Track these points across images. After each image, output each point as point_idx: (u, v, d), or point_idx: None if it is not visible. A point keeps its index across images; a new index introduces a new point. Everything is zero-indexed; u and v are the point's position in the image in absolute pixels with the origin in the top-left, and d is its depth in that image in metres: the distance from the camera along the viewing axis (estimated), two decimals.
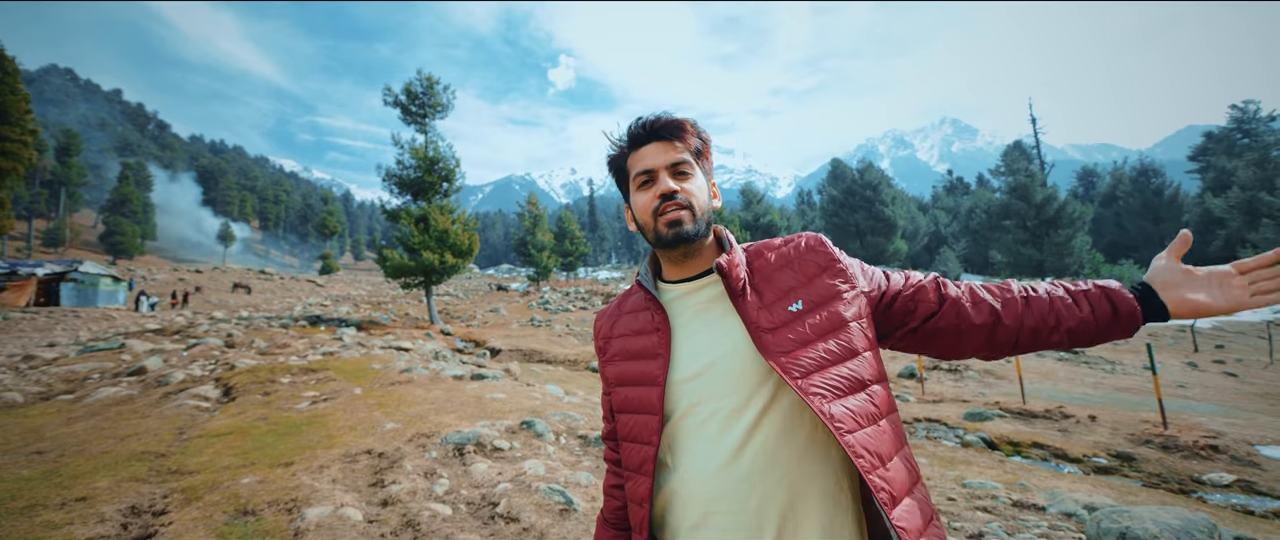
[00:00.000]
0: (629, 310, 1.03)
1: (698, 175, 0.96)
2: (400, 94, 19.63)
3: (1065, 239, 33.47)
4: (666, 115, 0.96)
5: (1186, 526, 2.80)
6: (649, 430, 0.91)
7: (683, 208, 0.91)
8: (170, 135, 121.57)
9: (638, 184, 0.96)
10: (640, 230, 0.99)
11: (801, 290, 0.90)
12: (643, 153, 0.95)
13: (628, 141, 0.98)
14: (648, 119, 0.96)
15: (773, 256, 0.96)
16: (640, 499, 0.92)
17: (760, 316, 0.89)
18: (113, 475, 3.52)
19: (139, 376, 7.53)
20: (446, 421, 4.84)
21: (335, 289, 44.43)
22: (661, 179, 0.93)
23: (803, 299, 0.89)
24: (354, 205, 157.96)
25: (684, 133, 0.95)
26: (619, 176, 1.02)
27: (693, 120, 0.97)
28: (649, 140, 0.95)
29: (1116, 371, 11.59)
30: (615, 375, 1.01)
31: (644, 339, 0.97)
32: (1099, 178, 60.87)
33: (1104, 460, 5.87)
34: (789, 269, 0.93)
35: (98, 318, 20.19)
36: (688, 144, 0.95)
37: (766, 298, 0.91)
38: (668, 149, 0.94)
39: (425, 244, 18.47)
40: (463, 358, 12.25)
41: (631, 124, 0.97)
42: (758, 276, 0.94)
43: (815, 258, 0.94)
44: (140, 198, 65.42)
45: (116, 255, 56.68)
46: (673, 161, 0.93)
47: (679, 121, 0.95)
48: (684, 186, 0.93)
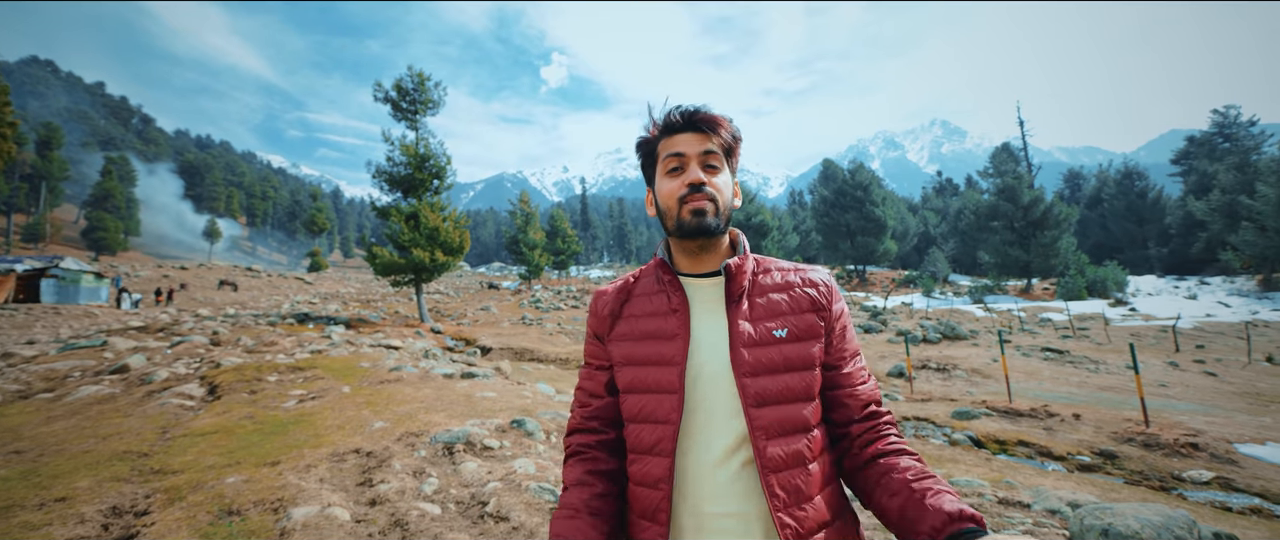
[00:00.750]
0: (642, 292, 1.01)
1: (725, 172, 0.96)
2: (391, 90, 19.46)
3: (1051, 240, 33.95)
4: (706, 108, 0.96)
5: (1167, 523, 2.85)
6: (667, 409, 0.89)
7: (708, 200, 0.92)
8: (155, 129, 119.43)
9: (666, 169, 0.95)
10: (661, 216, 0.98)
11: (791, 318, 0.92)
12: (676, 139, 0.95)
13: (663, 126, 0.97)
14: (687, 108, 0.95)
15: (777, 276, 0.97)
16: (656, 481, 0.88)
17: (743, 329, 0.90)
18: (93, 475, 3.46)
19: (121, 375, 7.40)
20: (436, 420, 4.80)
21: (324, 286, 43.96)
22: (692, 168, 0.93)
23: (789, 327, 0.91)
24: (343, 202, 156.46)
25: (719, 128, 0.95)
26: (647, 159, 1.01)
27: (730, 118, 0.97)
28: (685, 129, 0.95)
29: (1100, 371, 11.78)
30: (624, 355, 0.97)
31: (661, 320, 0.95)
32: (1085, 180, 61.76)
33: (1088, 458, 5.96)
34: (786, 293, 0.95)
35: (79, 315, 19.82)
36: (722, 140, 0.95)
37: (755, 313, 0.92)
38: (702, 140, 0.94)
39: (415, 241, 18.34)
40: (453, 356, 12.18)
41: (671, 109, 0.97)
42: (755, 290, 0.95)
43: (815, 294, 0.95)
44: (123, 193, 64.26)
45: (98, 251, 55.68)
46: (704, 152, 0.94)
47: (716, 117, 0.95)
48: (712, 180, 0.93)
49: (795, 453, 0.86)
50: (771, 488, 0.83)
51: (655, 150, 0.98)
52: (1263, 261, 29.28)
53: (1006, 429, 7.05)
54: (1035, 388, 9.94)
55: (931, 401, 9.03)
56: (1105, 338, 17.37)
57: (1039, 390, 9.71)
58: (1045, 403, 8.22)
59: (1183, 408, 8.10)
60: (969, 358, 13.12)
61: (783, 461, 0.85)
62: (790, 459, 0.85)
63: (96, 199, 60.65)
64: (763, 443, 0.85)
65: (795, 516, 0.83)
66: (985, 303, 30.03)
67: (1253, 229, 29.12)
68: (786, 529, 0.82)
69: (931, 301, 31.83)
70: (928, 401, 9.04)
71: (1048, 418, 7.40)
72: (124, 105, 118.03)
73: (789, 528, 0.82)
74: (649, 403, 0.92)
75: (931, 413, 8.02)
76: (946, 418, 7.71)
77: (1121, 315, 23.39)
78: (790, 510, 0.83)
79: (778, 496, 0.83)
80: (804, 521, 0.83)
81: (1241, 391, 9.62)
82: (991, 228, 36.65)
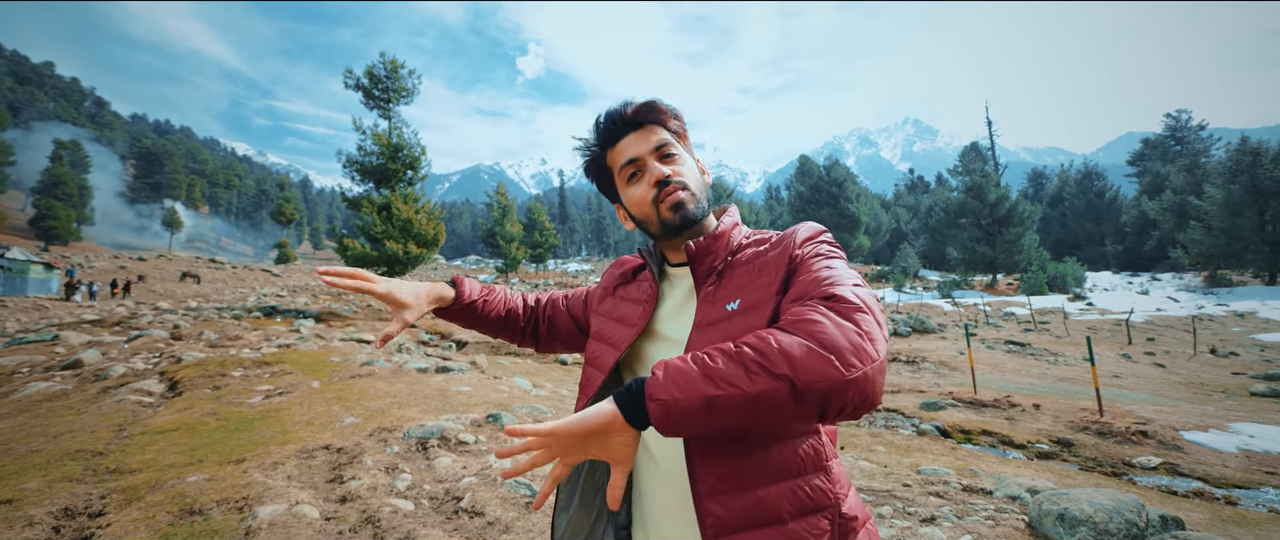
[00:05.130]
0: (639, 280, 1.01)
1: (684, 156, 0.91)
2: (362, 77, 18.93)
3: (1016, 237, 35.15)
4: (634, 101, 0.90)
5: (1118, 507, 3.00)
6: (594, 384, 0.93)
7: (682, 189, 0.87)
8: (109, 113, 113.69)
9: (625, 178, 0.90)
10: (641, 226, 0.93)
11: (747, 288, 0.81)
12: (621, 146, 0.90)
13: (600, 139, 0.92)
14: (615, 110, 0.90)
15: (754, 249, 0.87)
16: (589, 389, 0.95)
17: (704, 312, 0.83)
18: (43, 475, 3.30)
19: (74, 370, 7.06)
20: (409, 415, 4.73)
21: (292, 279, 42.65)
22: (651, 166, 0.88)
23: (741, 297, 0.80)
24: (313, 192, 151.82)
25: (659, 113, 0.89)
26: (601, 178, 0.96)
27: (660, 99, 0.91)
28: (625, 132, 0.89)
29: (1059, 362, 12.28)
30: (595, 329, 1.03)
31: (631, 306, 0.96)
32: (1047, 179, 64.12)
33: (1046, 446, 6.23)
34: (753, 263, 0.84)
35: (28, 308, 18.81)
36: (666, 125, 0.90)
37: (721, 292, 0.83)
38: (647, 135, 0.89)
39: (388, 233, 17.94)
40: (427, 350, 11.97)
41: (599, 118, 0.91)
42: (732, 266, 0.86)
43: (784, 248, 0.82)
44: (76, 180, 61.02)
45: (48, 241, 52.84)
46: (656, 146, 0.88)
47: (650, 104, 0.90)
48: (675, 169, 0.88)
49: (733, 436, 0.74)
50: (695, 474, 0.74)
51: (605, 165, 0.94)
52: (1209, 259, 30.92)
53: (971, 419, 7.30)
54: (999, 379, 10.31)
55: (901, 393, 9.29)
56: (1064, 331, 18.10)
57: (1002, 382, 10.07)
58: (1008, 394, 8.55)
59: (1134, 397, 8.52)
60: (937, 351, 13.52)
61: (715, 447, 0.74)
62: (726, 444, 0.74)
63: (46, 186, 57.46)
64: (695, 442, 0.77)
65: (726, 506, 0.72)
66: (953, 297, 30.96)
67: (1200, 228, 30.70)
68: (710, 518, 0.72)
69: (902, 296, 32.67)
70: (898, 393, 9.30)
71: (1010, 408, 7.69)
72: (76, 87, 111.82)
73: (713, 516, 0.72)
74: (588, 377, 0.96)
75: (901, 404, 8.25)
76: (915, 409, 7.95)
77: (1079, 309, 24.41)
78: (720, 498, 0.72)
79: (703, 482, 0.73)
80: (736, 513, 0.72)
81: (1187, 382, 10.16)
82: (960, 225, 37.74)
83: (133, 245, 70.41)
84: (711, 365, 0.62)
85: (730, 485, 0.73)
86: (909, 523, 3.25)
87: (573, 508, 0.92)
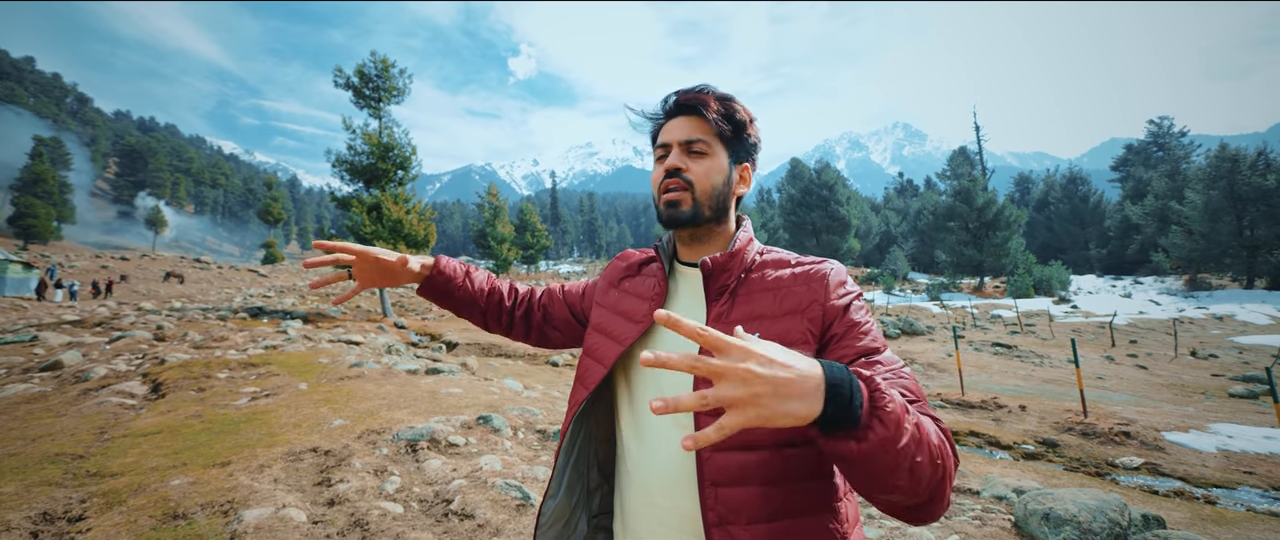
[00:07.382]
0: (647, 273, 1.01)
1: (715, 156, 0.89)
2: (352, 76, 18.75)
3: (1002, 241, 35.62)
4: (696, 89, 0.91)
5: (1101, 506, 3.05)
6: (593, 377, 0.93)
7: (682, 187, 0.88)
8: (92, 110, 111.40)
9: (656, 157, 0.94)
10: None
11: (768, 323, 0.81)
12: (667, 127, 0.92)
13: (663, 114, 0.95)
14: (680, 90, 0.92)
15: (776, 274, 0.87)
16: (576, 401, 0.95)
17: None
18: (21, 479, 3.23)
19: (54, 372, 6.91)
20: (399, 417, 4.69)
21: (279, 279, 42.12)
22: (672, 155, 0.90)
23: (761, 332, 0.80)
24: (301, 191, 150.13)
25: (707, 108, 0.88)
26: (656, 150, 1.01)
27: (724, 95, 0.90)
28: (675, 114, 0.92)
29: (1045, 364, 12.45)
30: (596, 321, 1.02)
31: (637, 302, 0.96)
32: (1033, 184, 65.09)
33: (1032, 447, 6.31)
34: (775, 292, 0.84)
35: (5, 308, 18.41)
36: (711, 121, 0.89)
37: (733, 313, 0.84)
38: (689, 125, 0.90)
39: (378, 234, 17.78)
40: (417, 352, 11.87)
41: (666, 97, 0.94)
42: (747, 286, 0.87)
43: (810, 290, 0.83)
44: (56, 177, 59.75)
45: (27, 240, 51.67)
46: (688, 139, 0.89)
47: (703, 98, 0.89)
48: (692, 166, 0.88)
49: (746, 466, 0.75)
50: (707, 499, 0.75)
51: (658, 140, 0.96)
52: (1189, 263, 31.57)
53: (959, 420, 7.38)
54: (986, 381, 10.44)
55: None
56: (1050, 333, 18.37)
57: (989, 383, 10.19)
58: (994, 395, 8.65)
59: (1117, 399, 8.66)
60: (926, 352, 13.65)
61: (730, 475, 0.75)
62: (739, 474, 0.75)
63: (25, 183, 56.20)
64: (708, 450, 0.76)
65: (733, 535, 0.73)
66: (941, 300, 31.30)
67: (1181, 233, 31.33)
68: None
69: (892, 299, 32.97)
70: None
71: (997, 409, 7.78)
72: (57, 83, 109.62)
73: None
74: (586, 368, 0.96)
75: None
76: None
77: (1064, 312, 24.78)
78: (727, 527, 0.73)
79: (713, 510, 0.75)
80: None
81: (1168, 383, 10.35)
82: (948, 228, 38.18)
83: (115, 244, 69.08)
84: (910, 415, 0.57)
85: (739, 517, 0.74)
86: (897, 523, 3.28)
87: (559, 495, 0.93)
